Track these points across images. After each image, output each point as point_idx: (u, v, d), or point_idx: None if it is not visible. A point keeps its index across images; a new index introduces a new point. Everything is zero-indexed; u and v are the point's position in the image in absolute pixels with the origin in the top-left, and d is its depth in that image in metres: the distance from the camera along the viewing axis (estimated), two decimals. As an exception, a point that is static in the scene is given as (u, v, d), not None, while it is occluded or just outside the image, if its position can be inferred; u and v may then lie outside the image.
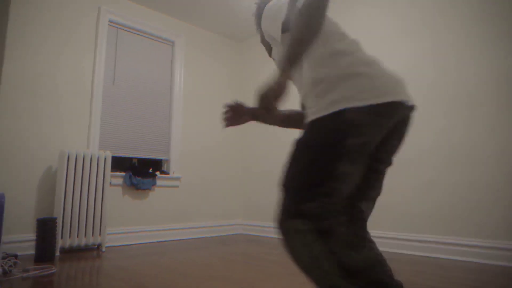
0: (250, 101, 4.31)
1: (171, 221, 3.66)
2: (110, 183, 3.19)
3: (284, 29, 1.06)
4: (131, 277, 1.97)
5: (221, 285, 1.79)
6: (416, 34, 2.90)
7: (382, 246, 2.88)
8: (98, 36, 3.30)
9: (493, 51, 2.47)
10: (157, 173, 3.59)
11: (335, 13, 3.55)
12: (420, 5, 2.90)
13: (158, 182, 3.58)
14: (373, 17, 3.22)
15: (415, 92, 2.85)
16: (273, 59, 1.24)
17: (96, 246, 2.97)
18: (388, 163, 1.01)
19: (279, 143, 3.90)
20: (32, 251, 2.70)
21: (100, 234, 2.89)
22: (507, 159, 2.34)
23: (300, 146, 0.93)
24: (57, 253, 2.64)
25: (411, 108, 0.96)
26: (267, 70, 4.22)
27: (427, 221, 2.66)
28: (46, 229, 2.51)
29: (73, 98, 3.11)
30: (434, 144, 2.70)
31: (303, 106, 1.26)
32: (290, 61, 0.92)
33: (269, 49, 1.31)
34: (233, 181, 4.31)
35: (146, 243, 3.35)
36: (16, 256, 2.30)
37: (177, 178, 3.76)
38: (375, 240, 2.94)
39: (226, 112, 1.24)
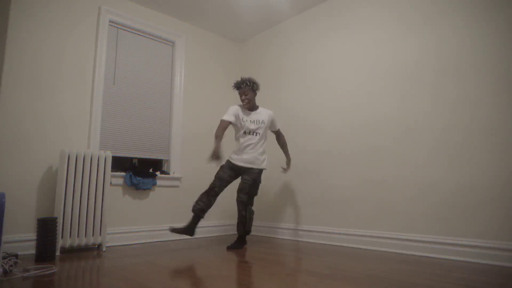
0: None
1: (171, 221, 3.66)
2: (111, 183, 3.20)
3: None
4: (131, 276, 1.97)
5: (221, 285, 1.79)
6: (417, 34, 2.90)
7: (382, 246, 2.89)
8: (99, 36, 3.31)
9: (494, 51, 2.48)
10: (157, 173, 3.60)
11: (336, 13, 3.55)
12: (421, 5, 2.90)
13: (158, 182, 3.59)
14: (374, 17, 3.22)
15: (416, 92, 2.85)
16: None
17: (96, 246, 2.97)
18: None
19: (276, 147, 3.90)
20: (32, 251, 2.71)
21: (100, 234, 2.90)
22: (508, 159, 2.34)
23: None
24: (58, 253, 2.64)
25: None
26: (266, 70, 4.22)
27: (427, 221, 2.67)
28: (46, 228, 2.51)
29: (73, 98, 3.12)
30: (435, 144, 2.70)
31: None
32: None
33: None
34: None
35: (146, 243, 3.36)
36: (16, 256, 2.30)
37: (177, 178, 3.76)
38: (375, 240, 2.94)
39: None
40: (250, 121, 3.12)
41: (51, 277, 1.95)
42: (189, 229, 2.93)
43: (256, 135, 3.11)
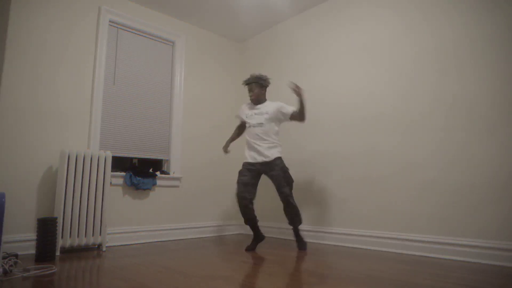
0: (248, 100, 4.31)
1: (171, 221, 3.66)
2: (111, 183, 3.19)
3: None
4: (131, 276, 1.97)
5: (221, 285, 1.79)
6: (417, 34, 2.90)
7: (382, 246, 2.89)
8: (99, 36, 3.31)
9: (494, 50, 2.48)
10: (157, 173, 3.60)
11: (336, 13, 3.55)
12: (421, 4, 2.90)
13: (158, 182, 3.59)
14: (374, 16, 3.22)
15: (416, 92, 2.85)
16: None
17: (96, 246, 2.97)
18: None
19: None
20: (32, 251, 2.71)
21: (100, 233, 2.90)
22: (508, 159, 2.34)
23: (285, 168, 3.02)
24: (58, 253, 2.64)
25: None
26: (266, 70, 4.22)
27: (427, 221, 2.67)
28: (46, 228, 2.51)
29: (73, 98, 3.12)
30: (435, 144, 2.70)
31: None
32: None
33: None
34: (233, 181, 4.31)
35: (146, 243, 3.36)
36: (16, 256, 2.30)
37: (177, 178, 3.76)
38: (375, 240, 2.94)
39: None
40: (255, 114, 3.11)
41: (51, 277, 1.95)
42: (259, 237, 3.05)
43: (260, 126, 3.05)
